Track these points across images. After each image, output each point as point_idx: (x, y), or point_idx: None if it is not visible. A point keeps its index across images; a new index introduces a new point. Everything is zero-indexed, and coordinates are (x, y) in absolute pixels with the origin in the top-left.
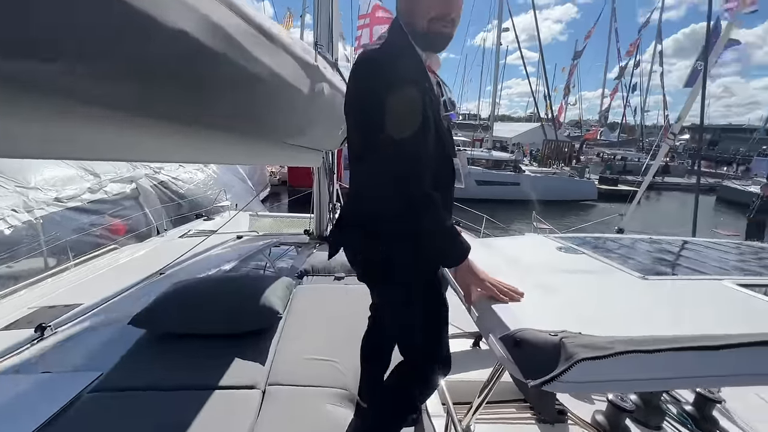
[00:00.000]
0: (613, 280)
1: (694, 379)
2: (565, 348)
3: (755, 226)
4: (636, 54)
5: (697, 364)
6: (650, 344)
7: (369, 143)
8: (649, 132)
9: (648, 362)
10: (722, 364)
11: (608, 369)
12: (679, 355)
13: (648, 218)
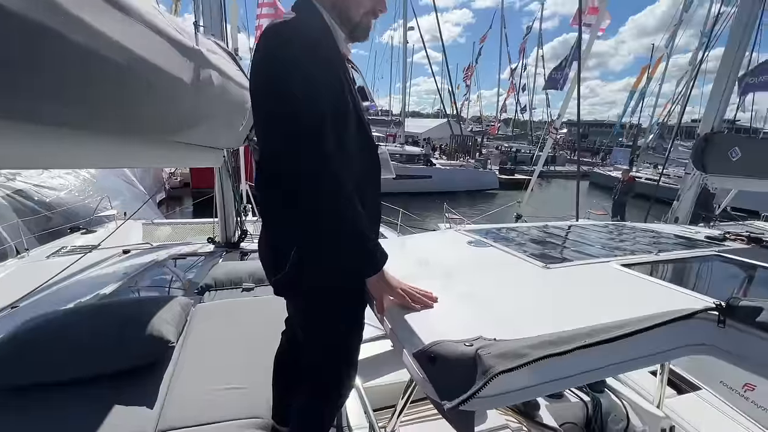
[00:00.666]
0: (520, 272)
1: (600, 371)
2: (482, 361)
3: (618, 206)
4: (522, 57)
5: (602, 357)
6: (560, 344)
7: (281, 132)
8: (536, 127)
9: (560, 364)
10: (623, 351)
11: (524, 377)
12: (587, 352)
13: (541, 203)
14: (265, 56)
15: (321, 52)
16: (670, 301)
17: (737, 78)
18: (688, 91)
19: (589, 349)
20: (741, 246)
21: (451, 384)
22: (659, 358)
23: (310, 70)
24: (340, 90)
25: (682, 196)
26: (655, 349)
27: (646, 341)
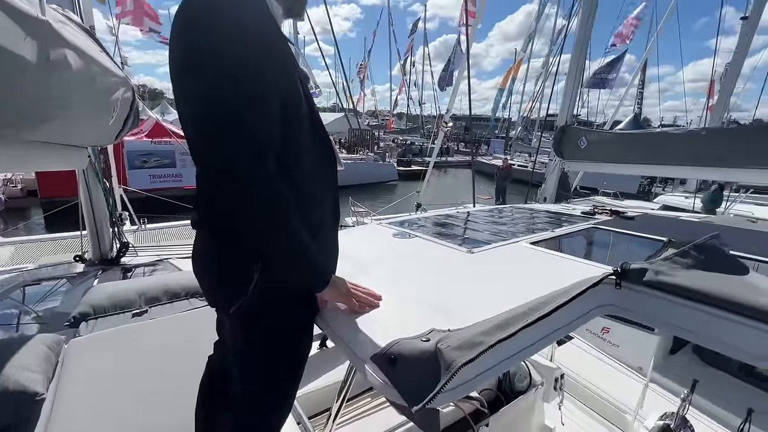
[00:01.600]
0: (450, 259)
1: (539, 343)
2: (443, 355)
3: (500, 190)
4: (410, 55)
5: (539, 331)
6: (506, 327)
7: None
8: (427, 121)
9: (508, 345)
10: (554, 323)
11: (481, 364)
12: (528, 330)
13: (438, 191)
14: (185, 37)
15: (263, 32)
16: (575, 272)
17: (581, 81)
18: (542, 89)
19: (532, 326)
20: (607, 218)
21: (414, 384)
22: (579, 322)
23: (251, 56)
24: (290, 82)
25: (548, 178)
26: (576, 315)
27: (570, 311)
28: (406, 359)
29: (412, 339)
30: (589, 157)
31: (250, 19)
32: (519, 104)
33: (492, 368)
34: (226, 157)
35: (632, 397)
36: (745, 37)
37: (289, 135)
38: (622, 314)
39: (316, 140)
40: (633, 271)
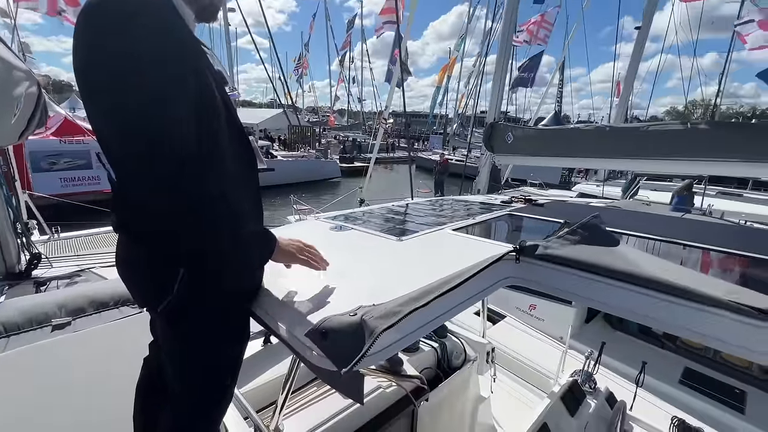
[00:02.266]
0: (380, 246)
1: (451, 311)
2: (367, 324)
3: (438, 184)
4: (349, 50)
5: (450, 301)
6: (422, 298)
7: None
8: (368, 117)
9: (423, 313)
10: (463, 294)
11: (401, 330)
12: (441, 300)
13: (381, 187)
14: (91, 38)
15: (175, 32)
16: (486, 252)
17: (506, 80)
18: (474, 87)
19: (443, 296)
20: (521, 205)
21: (344, 351)
22: (485, 293)
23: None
24: (204, 82)
25: (481, 171)
26: (483, 286)
27: (478, 282)
28: (336, 331)
29: (341, 315)
30: (515, 151)
31: (160, 26)
32: (455, 101)
33: (411, 333)
34: (151, 165)
35: (554, 363)
36: (638, 44)
37: (207, 137)
38: (522, 284)
39: (235, 140)
40: (528, 248)
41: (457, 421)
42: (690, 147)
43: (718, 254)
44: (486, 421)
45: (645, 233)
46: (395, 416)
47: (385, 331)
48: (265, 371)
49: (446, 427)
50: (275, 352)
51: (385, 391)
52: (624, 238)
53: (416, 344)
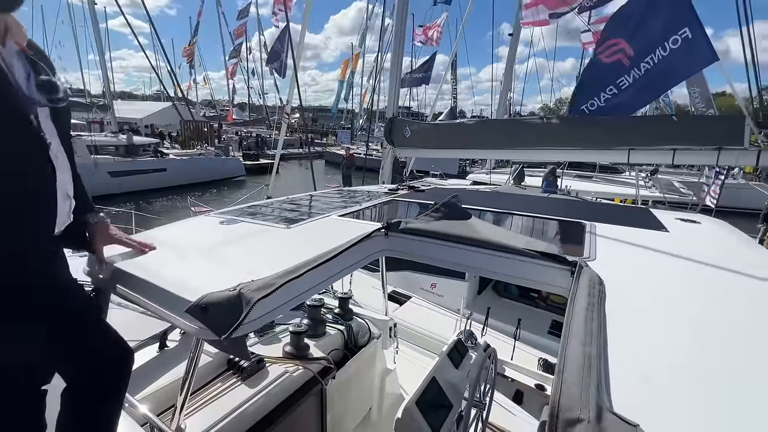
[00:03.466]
0: (268, 235)
1: (326, 281)
2: (244, 296)
3: (346, 178)
4: (245, 40)
5: (325, 272)
6: (298, 270)
7: None
8: (271, 112)
9: (298, 284)
10: (337, 265)
11: (277, 299)
12: (315, 272)
13: (288, 183)
14: None
15: None
16: (365, 231)
17: (401, 76)
18: (375, 83)
19: (316, 268)
20: (407, 192)
21: (223, 321)
22: (360, 263)
23: None
24: None
25: (384, 164)
26: (356, 259)
27: (350, 255)
28: (215, 305)
29: (220, 291)
30: (413, 144)
31: None
32: (360, 96)
33: (287, 302)
34: None
35: (451, 330)
36: (512, 49)
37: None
38: (394, 255)
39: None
40: (393, 224)
41: (366, 393)
42: (548, 138)
43: (545, 220)
44: (393, 390)
45: (500, 209)
46: (303, 397)
47: (261, 300)
48: (163, 375)
49: (356, 400)
50: (172, 356)
51: (292, 376)
52: (477, 213)
53: (323, 330)
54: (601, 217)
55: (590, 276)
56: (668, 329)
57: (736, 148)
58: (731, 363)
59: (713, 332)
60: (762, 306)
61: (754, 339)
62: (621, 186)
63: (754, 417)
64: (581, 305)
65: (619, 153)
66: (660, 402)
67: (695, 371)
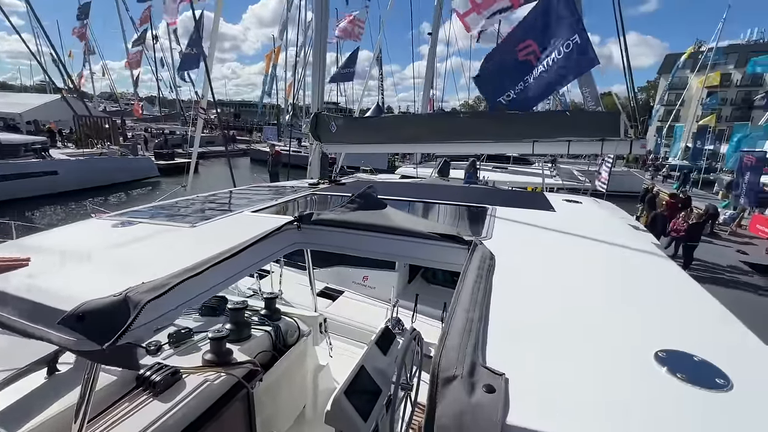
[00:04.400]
0: (170, 236)
1: (231, 279)
2: (131, 299)
3: (273, 176)
4: (150, 27)
5: (230, 269)
6: (197, 268)
7: None
8: (187, 106)
9: (197, 283)
10: (244, 261)
11: (172, 300)
12: (217, 269)
13: (208, 183)
14: None
15: None
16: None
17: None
18: (301, 77)
19: (219, 265)
20: (328, 185)
21: (104, 329)
22: (270, 258)
23: None
24: None
25: (312, 160)
26: (266, 253)
27: (259, 250)
28: (95, 312)
29: (102, 298)
30: (340, 140)
31: None
32: (284, 91)
33: (185, 302)
34: None
35: (383, 321)
36: (432, 47)
37: None
38: (308, 247)
39: None
40: (306, 216)
41: (299, 392)
42: (466, 132)
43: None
44: (327, 385)
45: (416, 199)
46: (228, 404)
47: (152, 302)
48: (54, 403)
49: (288, 399)
50: (65, 381)
51: (213, 384)
52: (393, 203)
53: (248, 333)
54: (504, 202)
55: (483, 252)
56: (543, 293)
57: (614, 139)
58: (588, 319)
59: (581, 294)
60: (623, 268)
61: (612, 299)
62: (532, 176)
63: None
64: (471, 278)
65: (526, 144)
66: (526, 354)
67: (558, 327)
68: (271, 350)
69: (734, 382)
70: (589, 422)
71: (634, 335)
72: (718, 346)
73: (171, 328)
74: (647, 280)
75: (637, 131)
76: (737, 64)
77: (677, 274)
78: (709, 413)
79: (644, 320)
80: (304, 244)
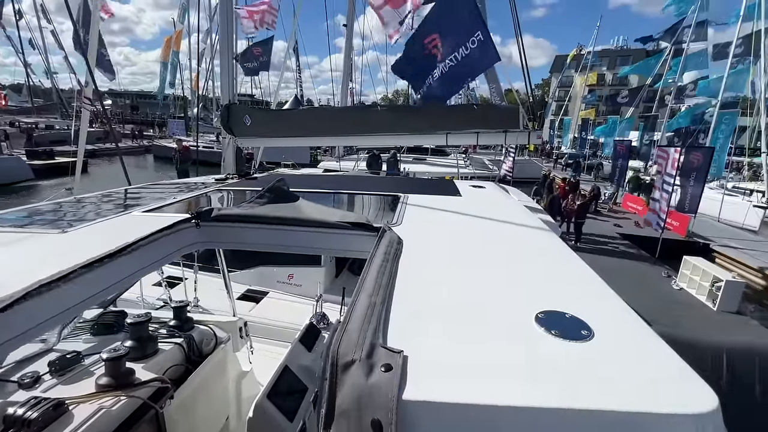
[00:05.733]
0: (33, 243)
1: (118, 284)
2: None
3: (182, 173)
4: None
5: (114, 274)
6: (54, 277)
7: None
8: (68, 96)
9: (64, 294)
10: (132, 265)
11: (19, 320)
12: (90, 275)
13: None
14: None
15: None
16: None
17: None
18: (209, 67)
19: (88, 272)
20: (237, 180)
21: None
22: (164, 261)
23: None
24: None
25: (225, 156)
26: (158, 256)
27: (148, 253)
28: None
29: None
30: (256, 133)
31: None
32: (190, 80)
33: (43, 322)
34: None
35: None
36: (349, 40)
37: None
38: (209, 246)
39: None
40: (205, 213)
41: (221, 403)
42: (384, 125)
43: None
44: (252, 391)
45: (331, 190)
46: (131, 430)
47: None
48: None
49: (207, 414)
50: None
51: (111, 411)
52: (306, 195)
53: (153, 348)
54: (417, 190)
55: (390, 237)
56: (446, 273)
57: (515, 131)
58: (484, 294)
59: (480, 271)
60: (516, 245)
61: (507, 273)
62: (448, 167)
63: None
64: (376, 263)
65: (440, 136)
66: (426, 331)
67: (457, 304)
68: (184, 363)
69: (595, 331)
70: (478, 385)
71: (521, 302)
72: (587, 303)
73: (52, 354)
74: (535, 254)
75: (534, 124)
76: (608, 66)
77: (560, 246)
78: (575, 360)
79: (529, 288)
80: (205, 243)
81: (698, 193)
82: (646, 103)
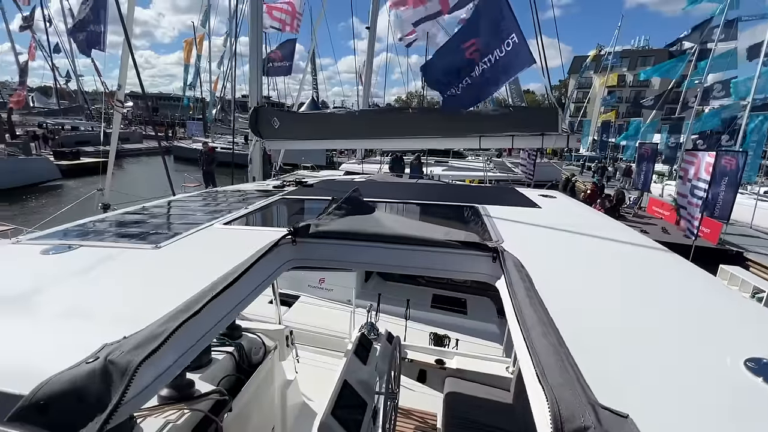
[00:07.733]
0: (130, 261)
1: (235, 309)
2: (116, 364)
3: (208, 175)
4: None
5: (230, 300)
6: (191, 308)
7: None
8: (92, 98)
9: (196, 325)
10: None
11: (170, 354)
12: (216, 303)
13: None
14: None
15: None
16: (263, 240)
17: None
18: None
19: (217, 298)
20: (294, 188)
21: (82, 416)
22: (268, 281)
23: None
24: None
25: (252, 158)
26: (264, 277)
27: (256, 274)
28: (64, 395)
29: (72, 367)
30: (283, 136)
31: None
32: (209, 83)
33: (186, 352)
34: None
35: (347, 324)
36: (371, 42)
37: None
38: (304, 263)
39: None
40: (301, 229)
41: (267, 414)
42: (413, 128)
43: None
44: (296, 401)
45: (392, 198)
46: None
47: (145, 361)
48: None
49: (257, 425)
50: None
51: (177, 425)
52: (377, 205)
53: (207, 358)
54: (486, 199)
55: (513, 260)
56: (588, 298)
57: (553, 134)
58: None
59: (619, 293)
60: (640, 268)
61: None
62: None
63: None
64: (521, 293)
65: (473, 139)
66: (633, 384)
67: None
68: (235, 373)
69: None
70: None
71: (708, 342)
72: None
73: None
74: (678, 283)
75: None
76: (629, 67)
77: (697, 272)
78: None
79: (705, 326)
80: (301, 260)
81: (731, 198)
82: (669, 105)
